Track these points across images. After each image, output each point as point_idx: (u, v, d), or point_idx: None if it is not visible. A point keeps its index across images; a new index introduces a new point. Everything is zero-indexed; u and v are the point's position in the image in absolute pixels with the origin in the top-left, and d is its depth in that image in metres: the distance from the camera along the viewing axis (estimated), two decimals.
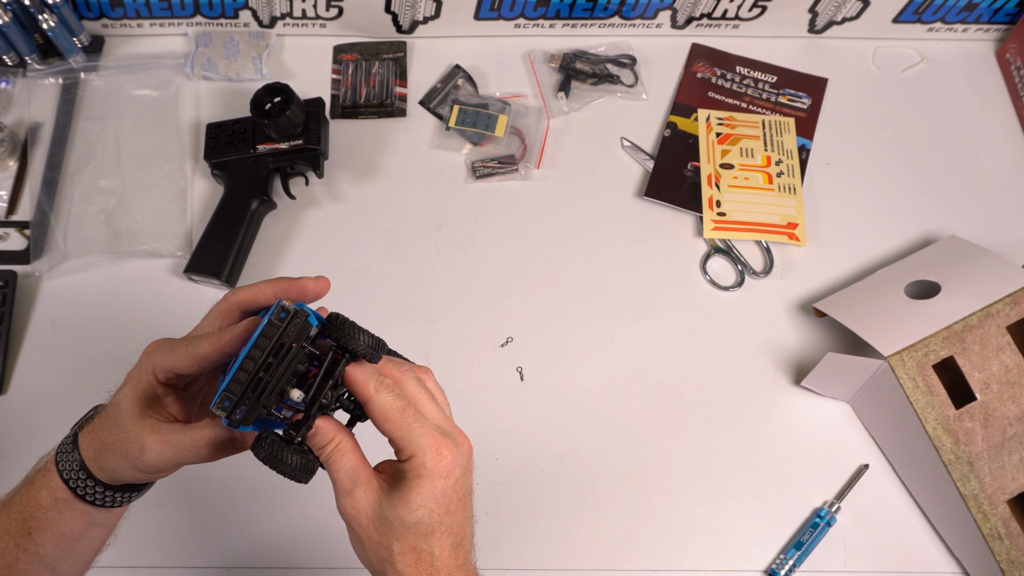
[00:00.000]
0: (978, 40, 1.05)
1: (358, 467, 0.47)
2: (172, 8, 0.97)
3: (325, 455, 0.47)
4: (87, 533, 0.53)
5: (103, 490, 0.51)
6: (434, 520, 0.46)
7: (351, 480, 0.46)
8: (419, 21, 1.00)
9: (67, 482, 0.50)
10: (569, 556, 0.76)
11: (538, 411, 0.82)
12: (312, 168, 0.90)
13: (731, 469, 0.80)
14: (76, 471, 0.50)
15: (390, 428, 0.46)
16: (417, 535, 0.46)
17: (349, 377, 0.47)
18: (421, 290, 0.88)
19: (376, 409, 0.46)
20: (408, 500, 0.45)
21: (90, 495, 0.50)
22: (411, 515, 0.45)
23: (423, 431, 0.46)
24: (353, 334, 0.45)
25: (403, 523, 0.45)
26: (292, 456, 0.45)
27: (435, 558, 0.46)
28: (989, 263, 0.80)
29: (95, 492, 0.50)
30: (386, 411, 0.46)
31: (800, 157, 0.95)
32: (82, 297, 0.86)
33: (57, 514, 0.51)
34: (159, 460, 0.48)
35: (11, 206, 0.90)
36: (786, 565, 0.75)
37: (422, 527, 0.46)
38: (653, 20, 1.01)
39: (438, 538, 0.46)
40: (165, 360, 0.49)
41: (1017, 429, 0.72)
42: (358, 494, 0.46)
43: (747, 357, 0.85)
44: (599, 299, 0.88)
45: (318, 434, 0.47)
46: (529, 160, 0.94)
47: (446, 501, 0.46)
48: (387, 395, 0.46)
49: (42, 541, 0.51)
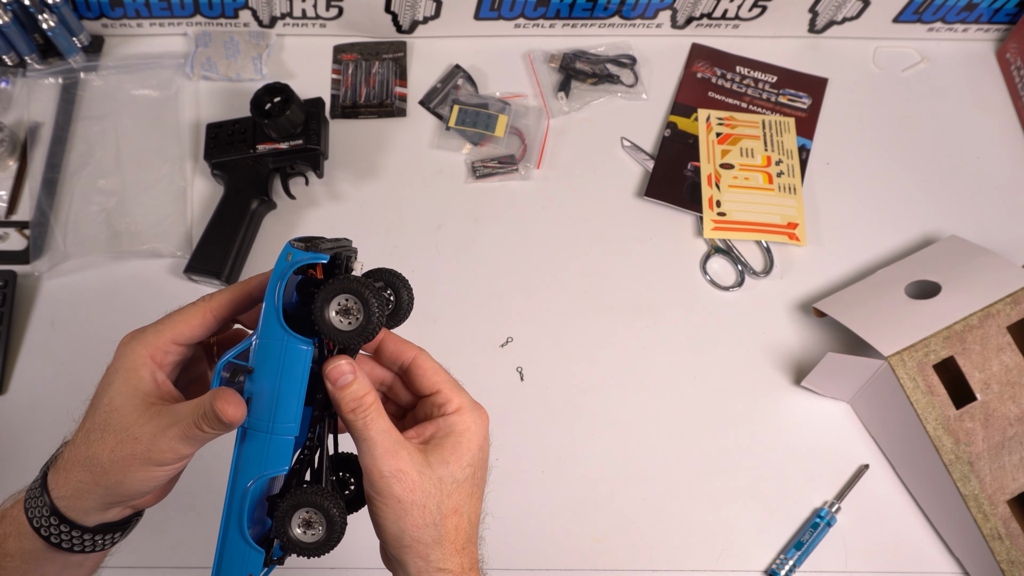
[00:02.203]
0: (978, 40, 1.05)
1: (393, 428, 0.44)
2: (172, 8, 0.97)
3: (363, 413, 0.43)
4: (62, 574, 0.48)
5: (79, 534, 0.45)
6: (477, 479, 0.45)
7: (394, 441, 0.43)
8: (419, 21, 1.00)
9: (37, 530, 0.45)
10: (569, 556, 0.76)
11: (538, 411, 0.82)
12: (312, 168, 0.90)
13: (731, 469, 0.80)
14: (47, 516, 0.45)
15: (441, 380, 0.46)
16: (463, 494, 0.44)
17: (390, 336, 0.48)
18: (421, 290, 0.87)
19: (427, 361, 0.47)
20: (460, 456, 0.44)
21: (65, 542, 0.45)
22: (461, 472, 0.44)
23: (464, 391, 0.46)
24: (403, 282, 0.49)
25: (453, 480, 0.44)
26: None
27: (470, 524, 0.45)
28: (989, 263, 0.80)
29: (70, 538, 0.45)
30: (439, 367, 0.47)
31: (800, 157, 0.95)
32: (82, 297, 0.86)
33: (25, 564, 0.46)
34: (175, 440, 0.43)
35: (11, 206, 0.90)
36: (786, 565, 0.75)
37: (468, 485, 0.44)
38: (653, 20, 1.01)
39: (474, 502, 0.45)
40: (166, 332, 0.45)
41: (1017, 429, 0.72)
42: (403, 455, 0.43)
43: (747, 357, 0.85)
44: (599, 299, 0.88)
45: (352, 386, 0.43)
46: (529, 160, 0.94)
47: (484, 463, 0.45)
48: (430, 356, 0.47)
49: None
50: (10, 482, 0.55)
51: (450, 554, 0.44)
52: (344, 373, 0.43)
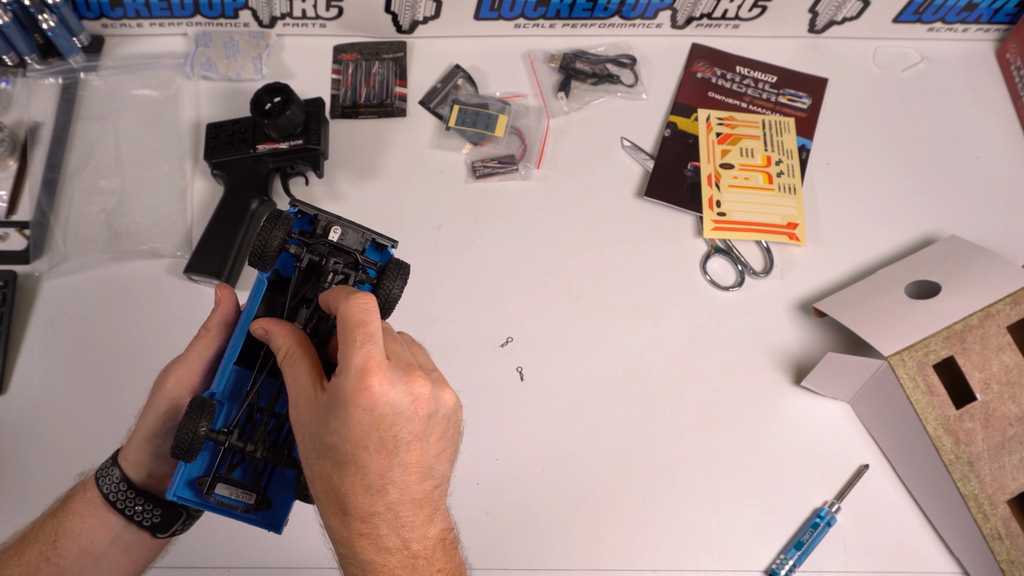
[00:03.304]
0: (978, 40, 1.05)
1: (306, 375, 0.45)
2: (172, 8, 0.97)
3: (280, 358, 0.47)
4: (108, 552, 0.51)
5: (143, 502, 0.51)
6: (347, 451, 0.42)
7: (296, 391, 0.45)
8: (419, 21, 1.00)
9: (101, 488, 0.51)
10: (569, 556, 0.76)
11: (538, 411, 0.82)
12: (312, 168, 0.90)
13: (731, 469, 0.80)
14: (116, 483, 0.51)
15: (340, 337, 0.44)
16: (331, 462, 0.43)
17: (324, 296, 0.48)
18: (421, 290, 0.87)
19: (340, 317, 0.44)
20: (326, 421, 0.43)
21: (120, 501, 0.50)
22: (328, 437, 0.43)
23: (365, 354, 0.42)
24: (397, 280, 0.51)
25: (322, 443, 0.43)
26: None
27: (344, 496, 0.43)
28: (989, 263, 0.80)
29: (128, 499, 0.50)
30: (346, 322, 0.43)
31: (800, 157, 0.95)
32: (82, 297, 0.86)
33: (82, 521, 0.50)
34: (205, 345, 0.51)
35: (11, 206, 0.90)
36: (786, 565, 0.75)
37: (335, 454, 0.43)
38: (653, 20, 1.01)
39: (349, 474, 0.43)
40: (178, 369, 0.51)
41: (1017, 429, 0.72)
42: (301, 404, 0.45)
43: (747, 357, 0.85)
44: (599, 299, 0.88)
45: (273, 338, 0.47)
46: (529, 160, 0.94)
47: (361, 434, 0.42)
48: (356, 306, 0.44)
49: (64, 552, 0.50)
50: (10, 482, 0.55)
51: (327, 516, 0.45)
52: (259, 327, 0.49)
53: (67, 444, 0.77)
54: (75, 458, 0.57)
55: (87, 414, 0.79)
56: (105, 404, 0.79)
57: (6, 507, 0.74)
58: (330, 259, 0.50)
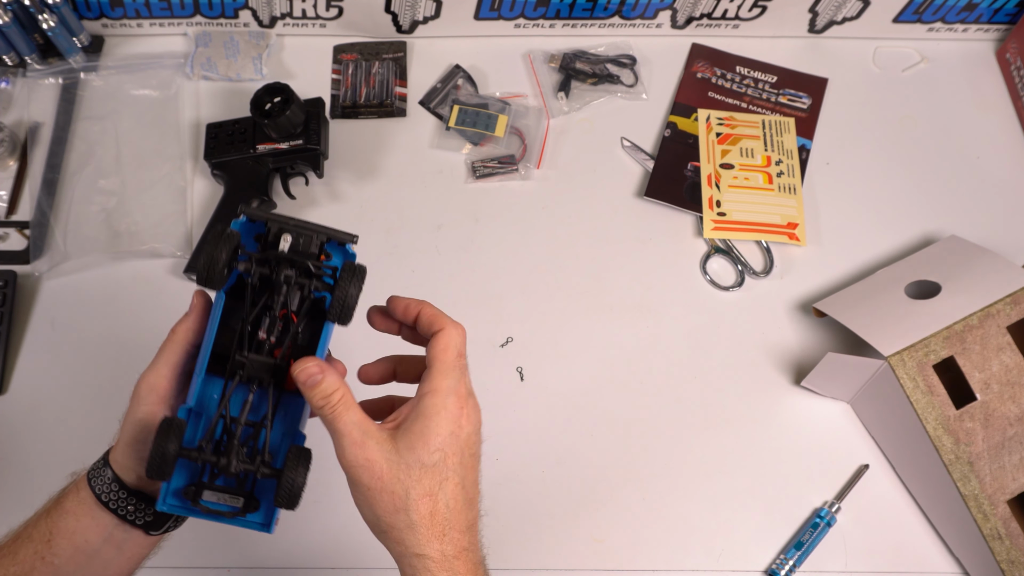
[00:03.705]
0: (978, 40, 1.05)
1: (365, 419, 0.46)
2: (172, 8, 0.97)
3: (331, 408, 0.45)
4: (102, 551, 0.52)
5: (135, 501, 0.51)
6: (449, 465, 0.45)
7: (361, 431, 0.45)
8: (419, 21, 1.00)
9: (93, 489, 0.51)
10: (569, 556, 0.76)
11: (538, 411, 0.82)
12: (312, 168, 0.90)
13: (731, 469, 0.80)
14: (108, 483, 0.51)
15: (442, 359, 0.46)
16: (433, 479, 0.45)
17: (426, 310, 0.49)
18: (421, 290, 0.87)
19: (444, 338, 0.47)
20: (427, 440, 0.44)
21: (113, 502, 0.50)
22: (429, 456, 0.44)
23: (458, 380, 0.46)
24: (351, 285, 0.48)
25: (421, 465, 0.44)
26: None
27: (449, 509, 0.45)
28: (989, 263, 0.80)
29: (120, 499, 0.50)
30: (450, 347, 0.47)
31: (800, 157, 0.95)
32: (82, 297, 0.86)
33: (76, 520, 0.50)
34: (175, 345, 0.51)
35: (11, 206, 0.90)
36: (786, 565, 0.75)
37: (438, 471, 0.45)
38: (653, 20, 1.01)
39: (452, 488, 0.45)
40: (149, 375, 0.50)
41: (1017, 429, 0.72)
42: (371, 444, 0.45)
43: (747, 357, 0.85)
44: (599, 299, 0.88)
45: (322, 384, 0.45)
46: (529, 160, 0.94)
47: (460, 451, 0.45)
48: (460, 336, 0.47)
49: (59, 551, 0.50)
50: (10, 482, 0.55)
51: (426, 540, 0.45)
52: (312, 375, 0.46)
53: (67, 444, 0.77)
54: (75, 458, 0.56)
55: (87, 414, 0.79)
56: (105, 404, 0.78)
57: (6, 507, 0.74)
58: (282, 271, 0.48)
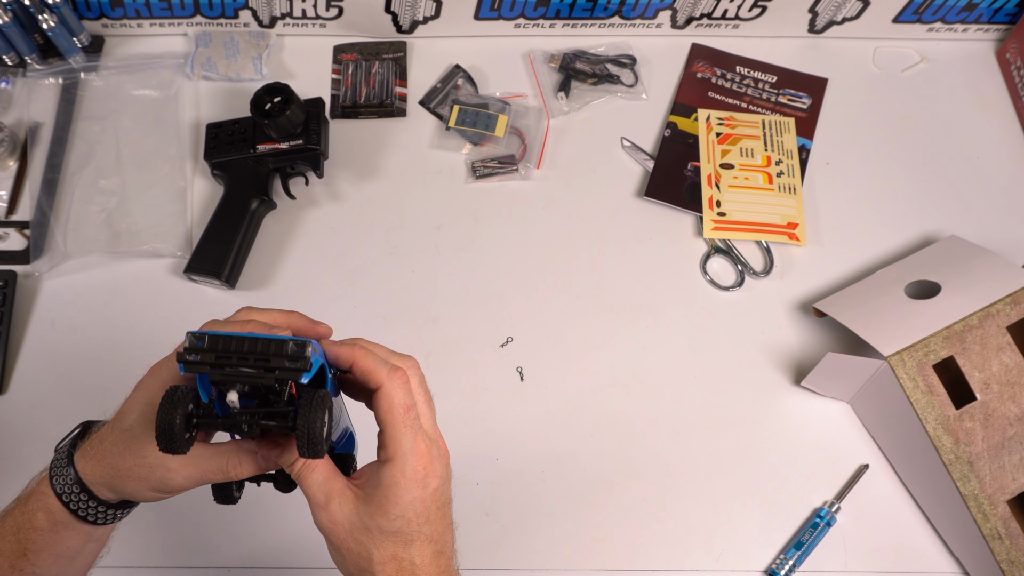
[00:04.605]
0: (978, 40, 1.05)
1: (330, 479, 0.46)
2: (172, 8, 0.97)
3: (296, 471, 0.46)
4: (84, 550, 0.52)
5: (104, 508, 0.50)
6: (413, 529, 0.45)
7: (325, 494, 0.46)
8: (419, 21, 1.00)
9: (66, 504, 0.49)
10: (569, 556, 0.76)
11: (538, 411, 0.82)
12: (312, 168, 0.90)
13: (731, 469, 0.80)
14: (75, 492, 0.49)
15: (390, 422, 0.45)
16: (397, 543, 0.45)
17: (360, 363, 0.45)
18: (421, 290, 0.88)
19: (384, 399, 0.45)
20: (386, 510, 0.45)
21: (91, 515, 0.50)
22: (389, 524, 0.45)
23: (414, 438, 0.45)
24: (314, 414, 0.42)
25: (382, 532, 0.45)
26: None
27: (416, 566, 0.46)
28: (989, 263, 0.80)
29: (96, 511, 0.50)
30: (394, 406, 0.45)
31: (800, 157, 0.95)
32: (82, 297, 0.86)
33: (55, 535, 0.50)
34: (186, 482, 0.48)
35: (11, 206, 0.90)
36: (786, 565, 0.75)
37: (401, 536, 0.45)
38: (653, 20, 1.01)
39: (418, 546, 0.46)
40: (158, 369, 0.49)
41: (1017, 429, 0.72)
42: (333, 507, 0.46)
43: (747, 357, 0.85)
44: (599, 299, 0.88)
45: (286, 451, 0.46)
46: (529, 160, 0.94)
47: (424, 510, 0.46)
48: (400, 388, 0.45)
49: (39, 562, 0.50)
50: (10, 482, 0.55)
51: None
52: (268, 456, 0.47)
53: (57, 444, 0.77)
54: None
55: (87, 414, 0.79)
56: (105, 404, 0.79)
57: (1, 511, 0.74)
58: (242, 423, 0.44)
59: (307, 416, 0.42)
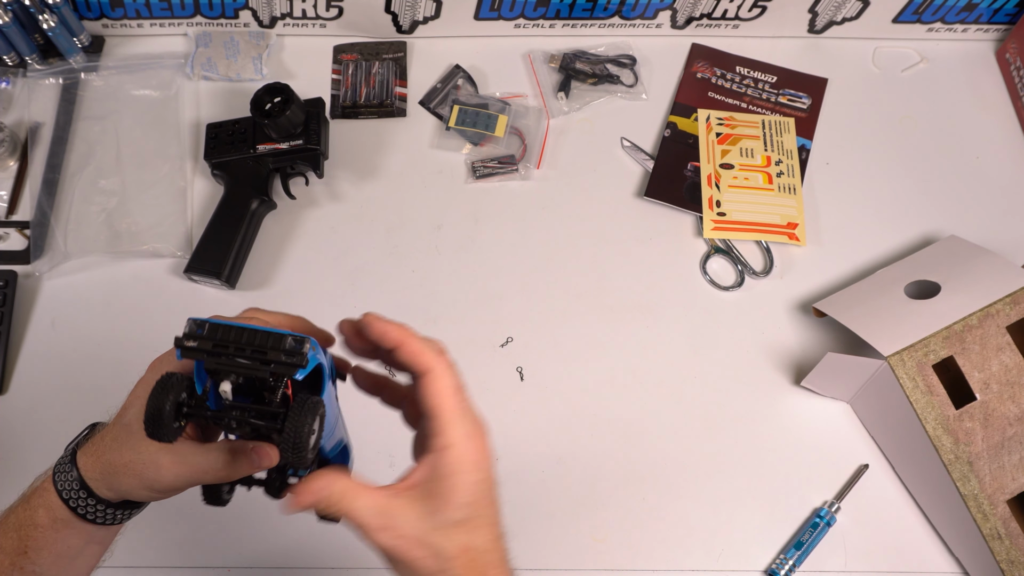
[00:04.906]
0: (978, 40, 1.05)
1: (374, 496, 0.44)
2: (172, 8, 0.97)
3: (336, 506, 0.43)
4: (85, 551, 0.51)
5: (104, 508, 0.49)
6: (478, 514, 0.44)
7: (379, 514, 0.43)
8: (419, 21, 1.00)
9: (66, 501, 0.49)
10: (569, 556, 0.76)
11: (538, 411, 0.82)
12: (312, 168, 0.90)
13: (731, 469, 0.80)
14: (76, 489, 0.49)
15: (445, 407, 0.44)
16: (465, 532, 0.44)
17: (408, 345, 0.44)
18: (421, 290, 0.88)
19: (437, 381, 0.44)
20: (450, 500, 0.43)
21: (90, 513, 0.49)
22: (456, 513, 0.43)
23: (466, 420, 0.44)
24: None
25: (451, 524, 0.44)
26: None
27: (486, 552, 0.45)
28: (989, 263, 0.80)
29: (96, 510, 0.49)
30: (448, 388, 0.44)
31: (800, 157, 0.95)
32: (82, 297, 0.86)
33: (55, 533, 0.49)
34: (176, 480, 0.46)
35: (11, 206, 0.90)
36: (786, 565, 0.75)
37: (468, 524, 0.44)
38: (653, 20, 1.01)
39: (483, 532, 0.45)
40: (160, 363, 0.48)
41: (1017, 429, 0.72)
42: (395, 522, 0.43)
43: (747, 357, 0.85)
44: (599, 299, 0.88)
45: (319, 493, 0.43)
46: (529, 160, 0.94)
47: (486, 493, 0.45)
48: (450, 369, 0.44)
49: (39, 560, 0.50)
50: (10, 482, 0.55)
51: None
52: (301, 501, 0.44)
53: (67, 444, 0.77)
54: None
55: (87, 414, 0.79)
56: (105, 404, 0.79)
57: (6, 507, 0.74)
58: (230, 419, 0.43)
59: (296, 420, 0.40)
